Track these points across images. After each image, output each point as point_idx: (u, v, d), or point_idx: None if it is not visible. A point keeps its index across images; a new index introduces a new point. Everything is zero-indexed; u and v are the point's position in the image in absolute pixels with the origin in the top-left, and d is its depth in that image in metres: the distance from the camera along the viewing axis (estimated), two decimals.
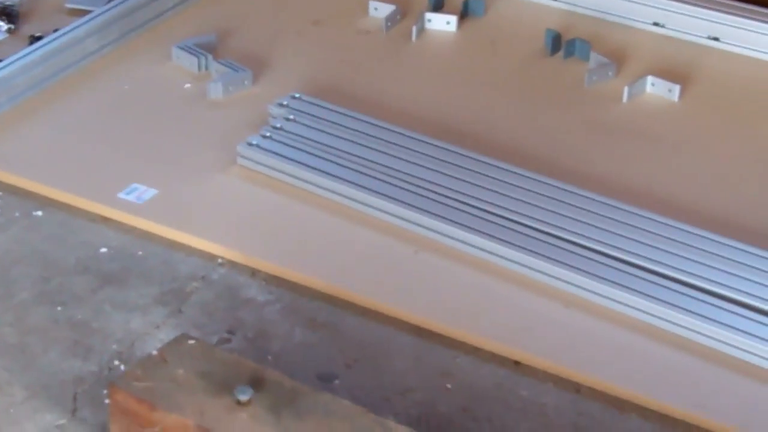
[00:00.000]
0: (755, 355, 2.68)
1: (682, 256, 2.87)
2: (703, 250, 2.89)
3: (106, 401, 2.47)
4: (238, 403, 2.37)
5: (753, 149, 3.29)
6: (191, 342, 2.50)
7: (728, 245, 2.91)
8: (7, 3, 3.64)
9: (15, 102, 3.32)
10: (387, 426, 2.34)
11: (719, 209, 3.06)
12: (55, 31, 3.48)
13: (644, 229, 2.94)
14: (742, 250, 2.90)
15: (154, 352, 2.49)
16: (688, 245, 2.90)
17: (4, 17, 3.60)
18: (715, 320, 2.73)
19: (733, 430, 2.55)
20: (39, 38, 3.48)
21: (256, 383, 2.40)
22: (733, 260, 2.87)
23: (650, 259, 2.86)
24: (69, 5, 3.70)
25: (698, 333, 2.73)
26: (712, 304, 2.77)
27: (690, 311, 2.74)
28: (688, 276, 2.83)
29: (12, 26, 3.60)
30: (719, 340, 2.71)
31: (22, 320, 2.76)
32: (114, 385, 2.40)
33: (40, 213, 3.04)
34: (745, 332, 2.70)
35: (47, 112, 3.32)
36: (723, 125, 3.36)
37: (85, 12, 3.59)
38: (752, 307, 2.76)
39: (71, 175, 3.12)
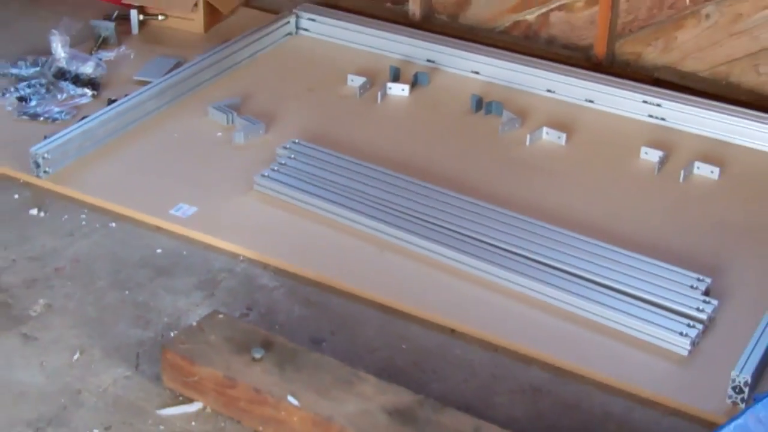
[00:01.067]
0: (622, 324, 2.68)
1: (568, 254, 2.87)
2: (583, 250, 2.89)
3: (160, 359, 2.44)
4: (254, 359, 2.42)
5: (616, 178, 3.29)
6: (220, 316, 2.56)
7: (600, 246, 2.89)
8: (92, 76, 3.60)
9: (97, 146, 3.31)
10: (359, 376, 2.41)
11: (594, 220, 3.06)
12: (126, 96, 3.45)
13: (540, 235, 2.94)
14: (610, 249, 2.88)
15: (194, 324, 2.52)
16: (573, 246, 2.90)
17: (90, 86, 3.59)
18: (593, 300, 2.73)
19: (605, 378, 2.52)
20: (114, 101, 3.46)
21: (267, 345, 2.46)
22: (604, 257, 2.86)
23: (546, 256, 2.86)
24: (136, 77, 3.68)
25: (581, 309, 2.73)
26: (591, 288, 2.76)
27: (575, 293, 2.75)
28: (573, 268, 2.83)
29: (95, 92, 3.58)
30: (596, 314, 2.71)
31: (99, 300, 2.77)
32: (165, 347, 2.47)
33: (113, 224, 3.03)
34: (614, 308, 2.69)
35: (119, 153, 3.31)
36: (595, 161, 3.36)
37: (147, 82, 3.57)
38: (618, 290, 2.75)
39: (136, 197, 3.12)
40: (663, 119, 3.50)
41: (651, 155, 3.31)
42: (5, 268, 2.82)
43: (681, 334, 2.61)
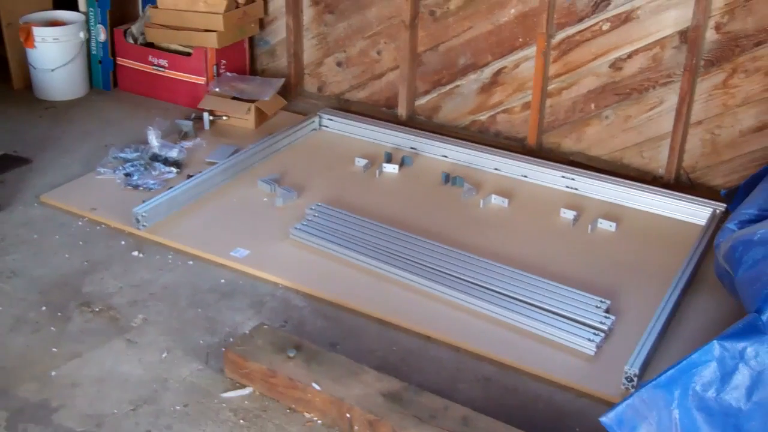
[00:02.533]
0: (547, 332, 2.70)
1: (510, 283, 2.89)
2: (520, 280, 2.90)
3: (223, 357, 2.46)
4: (288, 357, 2.45)
5: (543, 229, 3.30)
6: (265, 327, 2.59)
7: (532, 277, 2.91)
8: (177, 158, 3.66)
9: (180, 207, 3.32)
10: (363, 369, 2.43)
11: (528, 259, 3.07)
12: (200, 173, 3.48)
13: (491, 270, 2.96)
14: (539, 279, 2.90)
15: (247, 332, 2.51)
16: (513, 278, 2.92)
17: (175, 165, 3.61)
18: (527, 315, 2.75)
19: (535, 370, 2.51)
20: (192, 176, 3.48)
21: (298, 347, 2.48)
22: (535, 285, 2.88)
23: (494, 285, 2.88)
24: (207, 159, 3.70)
25: (519, 322, 2.75)
26: (525, 307, 2.78)
27: (515, 311, 2.77)
28: (513, 293, 2.84)
29: (179, 170, 3.60)
30: (529, 325, 2.73)
31: (181, 316, 2.79)
32: (227, 349, 2.48)
33: (191, 262, 3.05)
34: (541, 321, 2.72)
35: (195, 212, 3.33)
36: (528, 218, 3.37)
37: (215, 163, 3.60)
38: (544, 309, 2.77)
39: (206, 243, 3.13)
40: (576, 189, 3.51)
41: (567, 214, 3.33)
42: (115, 292, 2.85)
43: (589, 339, 2.63)
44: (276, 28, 4.32)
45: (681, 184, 3.56)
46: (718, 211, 3.28)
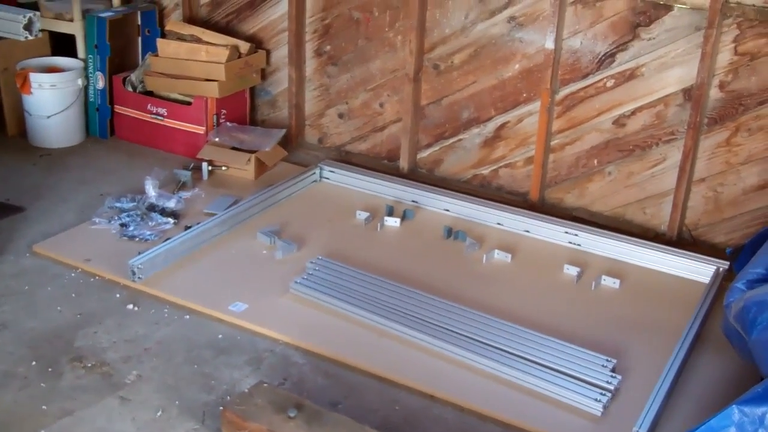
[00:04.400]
0: (553, 392, 2.66)
1: (516, 342, 2.86)
2: (526, 338, 2.88)
3: (220, 416, 2.39)
4: (289, 418, 2.39)
5: (547, 286, 3.29)
6: (265, 385, 2.53)
7: (537, 335, 2.88)
8: (175, 209, 3.64)
9: (176, 259, 3.29)
10: (366, 431, 2.30)
11: (532, 316, 3.04)
12: (198, 224, 3.45)
13: (495, 327, 2.93)
14: (544, 337, 2.88)
15: (246, 390, 2.45)
16: (519, 335, 2.89)
17: (172, 216, 3.59)
18: (533, 374, 2.72)
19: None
20: (190, 227, 3.45)
21: (299, 407, 2.43)
22: (541, 343, 2.86)
23: (500, 342, 2.85)
24: (205, 210, 3.67)
25: (525, 381, 2.71)
26: (532, 366, 2.74)
27: (521, 370, 2.74)
28: (520, 351, 2.81)
29: (176, 221, 3.57)
30: (536, 385, 2.70)
31: (177, 372, 2.73)
32: (225, 408, 2.43)
33: (187, 317, 3.01)
34: (548, 381, 2.69)
35: (192, 265, 3.29)
36: (532, 274, 3.36)
37: (213, 214, 3.57)
38: (550, 368, 2.74)
39: (204, 296, 3.08)
40: (579, 245, 3.51)
41: (571, 270, 3.32)
42: (108, 347, 2.79)
43: (596, 400, 2.59)
44: (278, 78, 4.35)
45: (683, 241, 3.56)
46: (721, 269, 3.28)
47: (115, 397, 2.57)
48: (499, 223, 3.66)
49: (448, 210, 3.76)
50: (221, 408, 2.47)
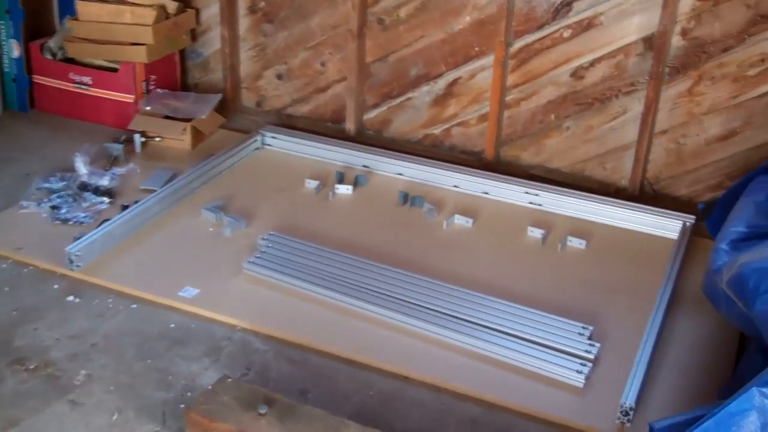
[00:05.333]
0: (533, 365, 2.57)
1: (488, 313, 2.76)
2: (497, 309, 2.78)
3: (184, 416, 2.25)
4: (259, 415, 2.24)
5: (512, 250, 3.20)
6: (229, 380, 2.37)
7: (508, 305, 2.79)
8: (109, 187, 3.42)
9: (116, 243, 3.09)
10: (344, 423, 2.26)
11: (498, 283, 2.95)
12: (136, 202, 3.25)
13: (464, 299, 2.82)
14: (517, 307, 2.78)
15: (209, 387, 2.32)
16: (489, 306, 2.79)
17: (107, 195, 3.37)
18: (509, 348, 2.62)
19: (524, 408, 2.38)
20: (127, 207, 3.26)
21: (269, 402, 2.29)
22: (512, 313, 2.76)
23: (471, 315, 2.74)
24: (142, 187, 3.47)
25: (501, 355, 2.61)
26: (507, 339, 2.65)
27: (496, 344, 2.63)
28: (492, 324, 2.71)
29: (111, 200, 3.36)
30: (513, 359, 2.60)
31: (129, 369, 2.55)
32: (188, 408, 2.27)
33: (134, 306, 2.82)
34: (526, 353, 2.59)
35: (134, 248, 3.10)
36: (495, 239, 3.26)
37: (151, 191, 3.38)
38: (527, 340, 2.65)
39: (150, 283, 2.90)
40: (540, 205, 3.42)
41: (535, 233, 3.23)
42: (51, 345, 2.59)
43: (577, 371, 2.52)
44: (209, 38, 4.11)
45: (645, 195, 3.50)
46: (688, 223, 3.23)
47: (64, 402, 2.38)
48: (455, 186, 3.54)
49: (401, 174, 3.62)
50: (182, 406, 2.33)
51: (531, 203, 3.43)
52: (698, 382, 2.53)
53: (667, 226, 3.26)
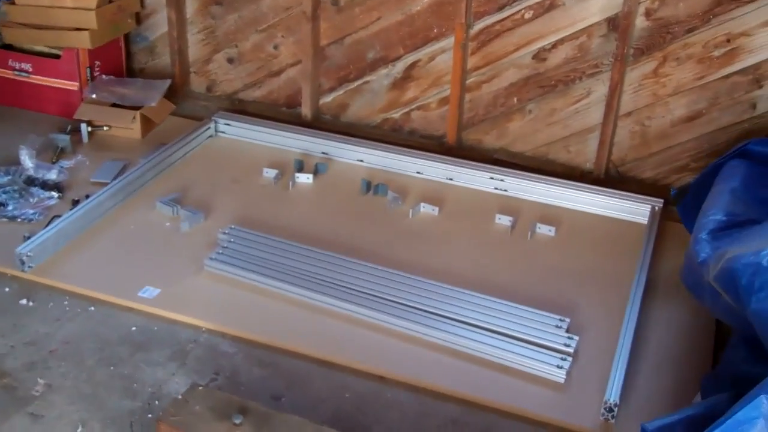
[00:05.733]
0: (512, 361, 2.52)
1: (462, 307, 2.69)
2: (470, 302, 2.72)
3: (155, 428, 2.14)
4: (234, 425, 2.13)
5: (480, 239, 3.13)
6: (200, 388, 2.26)
7: (481, 297, 2.73)
8: (57, 181, 3.26)
9: (66, 242, 2.94)
10: (322, 430, 2.08)
11: (468, 274, 2.89)
12: (87, 197, 3.11)
13: (436, 292, 2.75)
14: (491, 299, 2.73)
15: (180, 396, 2.20)
16: (463, 300, 2.73)
17: (55, 189, 3.21)
18: (487, 344, 2.56)
19: (505, 406, 2.33)
20: (77, 201, 3.12)
21: (243, 411, 2.18)
22: (486, 306, 2.71)
23: (444, 309, 2.67)
24: (92, 179, 3.32)
25: (479, 351, 2.55)
26: (482, 334, 2.59)
27: (473, 339, 2.57)
28: (467, 318, 2.65)
29: (61, 195, 3.21)
30: (491, 354, 2.54)
31: (91, 377, 2.44)
32: (159, 420, 2.18)
33: (92, 308, 2.70)
34: (504, 349, 2.54)
35: (89, 245, 2.96)
36: (463, 227, 3.20)
37: (103, 183, 3.24)
38: (505, 334, 2.59)
39: (108, 283, 2.77)
40: (506, 190, 3.37)
41: (503, 220, 3.18)
42: (6, 354, 2.45)
43: (557, 366, 2.47)
44: (155, 21, 3.94)
45: (610, 178, 3.47)
46: (657, 207, 3.21)
47: (23, 415, 2.25)
48: (419, 172, 3.46)
49: (362, 161, 3.53)
50: (150, 416, 2.22)
51: (496, 189, 3.37)
52: (678, 371, 2.51)
53: (636, 210, 3.23)
